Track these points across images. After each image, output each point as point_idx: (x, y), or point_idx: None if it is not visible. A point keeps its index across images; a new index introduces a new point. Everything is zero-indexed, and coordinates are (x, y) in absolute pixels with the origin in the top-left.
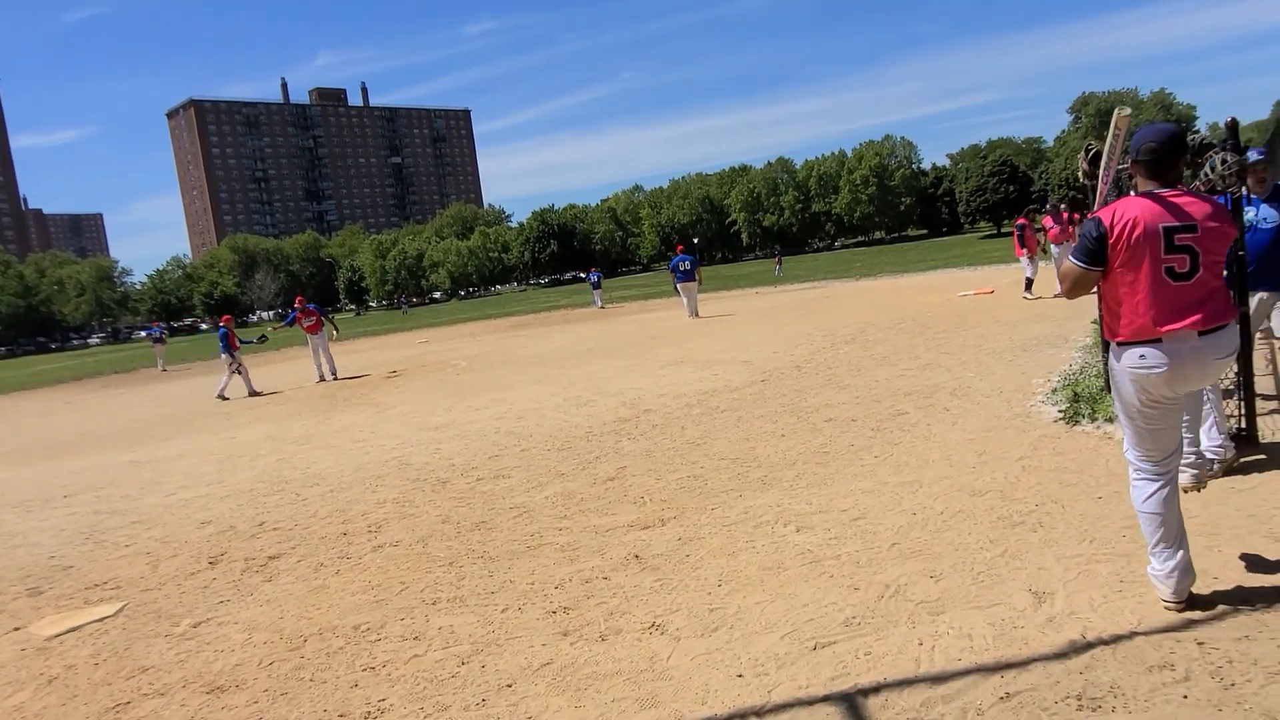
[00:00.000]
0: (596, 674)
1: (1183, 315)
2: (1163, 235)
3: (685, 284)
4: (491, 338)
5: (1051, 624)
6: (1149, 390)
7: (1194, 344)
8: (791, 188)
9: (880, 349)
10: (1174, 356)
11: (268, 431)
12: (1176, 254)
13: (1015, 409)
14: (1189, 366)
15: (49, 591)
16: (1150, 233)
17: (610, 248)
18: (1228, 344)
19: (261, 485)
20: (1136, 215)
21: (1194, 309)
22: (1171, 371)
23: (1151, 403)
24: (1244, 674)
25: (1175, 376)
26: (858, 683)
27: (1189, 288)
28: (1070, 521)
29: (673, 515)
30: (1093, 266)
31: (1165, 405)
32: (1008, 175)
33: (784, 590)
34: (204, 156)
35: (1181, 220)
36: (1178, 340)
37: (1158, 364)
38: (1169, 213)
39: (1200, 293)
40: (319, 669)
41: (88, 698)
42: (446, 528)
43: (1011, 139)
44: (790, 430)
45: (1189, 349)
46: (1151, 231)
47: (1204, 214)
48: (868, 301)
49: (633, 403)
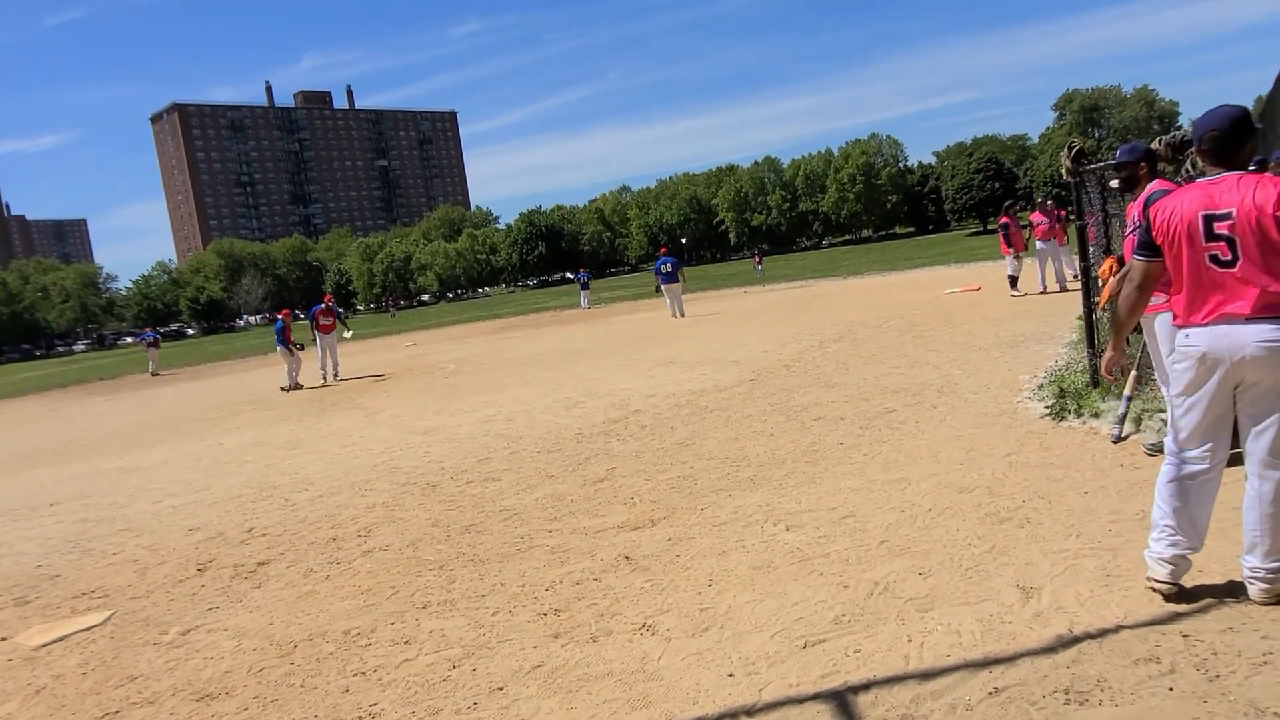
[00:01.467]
0: (588, 675)
1: (1222, 303)
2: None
3: (669, 285)
4: (480, 340)
5: (1039, 619)
6: (1191, 372)
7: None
8: (779, 187)
9: (868, 347)
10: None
11: (255, 437)
12: (1216, 242)
13: (1002, 405)
14: (1226, 353)
15: (36, 601)
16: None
17: (598, 248)
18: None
19: (250, 491)
20: (1175, 205)
21: (1232, 296)
22: (1211, 356)
23: (1193, 385)
24: (1229, 666)
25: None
26: (848, 680)
27: (1229, 276)
28: (1057, 517)
29: (663, 516)
30: (1152, 257)
31: (1203, 391)
32: (993, 172)
33: (774, 589)
34: (189, 161)
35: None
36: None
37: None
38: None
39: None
40: (309, 675)
41: (76, 707)
42: (436, 531)
43: (997, 136)
44: (779, 429)
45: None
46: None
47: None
48: (855, 300)
49: (622, 404)
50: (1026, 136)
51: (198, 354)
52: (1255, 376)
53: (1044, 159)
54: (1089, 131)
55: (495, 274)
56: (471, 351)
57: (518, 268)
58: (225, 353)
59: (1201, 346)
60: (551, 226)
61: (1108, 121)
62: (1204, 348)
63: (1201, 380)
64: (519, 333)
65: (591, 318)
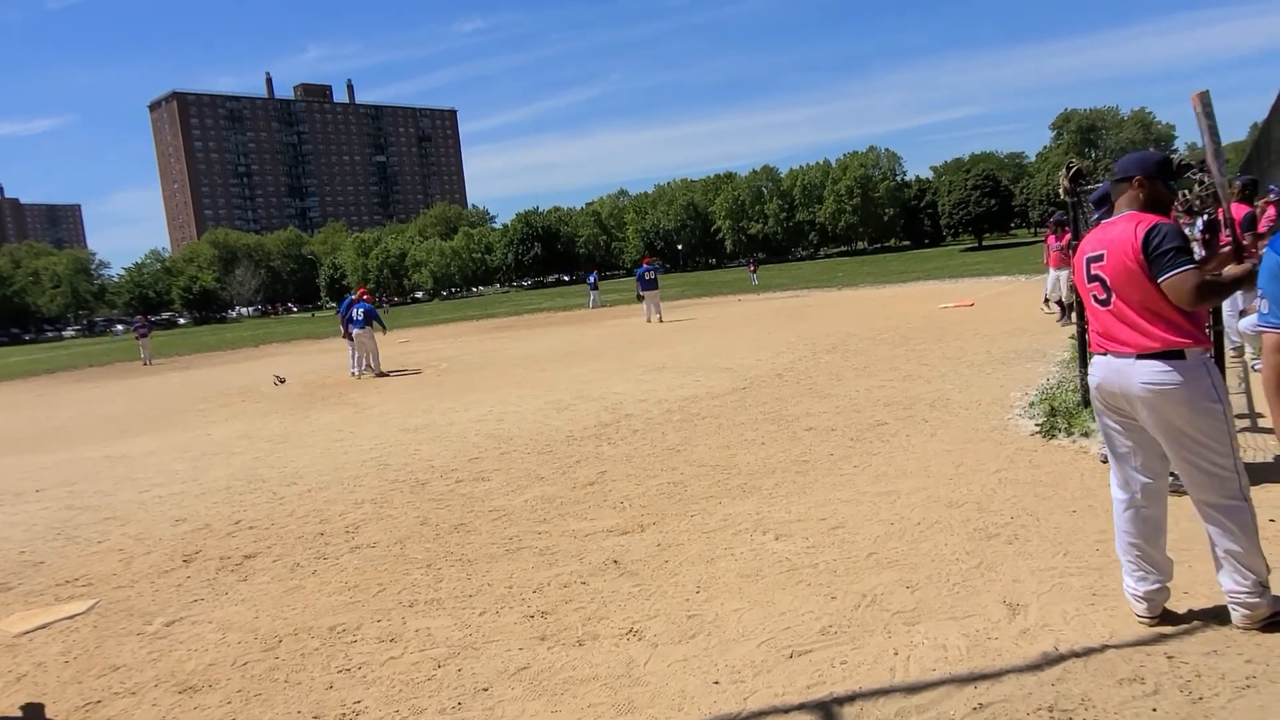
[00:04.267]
0: (573, 679)
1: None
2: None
3: (649, 291)
4: (473, 339)
5: (1025, 636)
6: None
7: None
8: (776, 196)
9: (861, 359)
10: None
11: (243, 429)
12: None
13: (993, 421)
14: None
15: (18, 588)
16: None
17: (594, 251)
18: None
19: (238, 483)
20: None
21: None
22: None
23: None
24: (1212, 688)
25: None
26: (833, 691)
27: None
28: (1045, 534)
29: (652, 521)
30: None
31: (1118, 422)
32: (990, 189)
33: (762, 598)
34: (186, 150)
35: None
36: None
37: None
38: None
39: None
40: (294, 670)
41: (57, 696)
42: (425, 530)
43: (994, 153)
44: (770, 438)
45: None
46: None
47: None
48: (849, 311)
49: (614, 407)
50: (1024, 154)
51: (189, 344)
52: (1145, 415)
53: (1040, 177)
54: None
55: (490, 273)
56: (464, 350)
57: (513, 268)
58: (216, 344)
59: (1097, 378)
60: (548, 228)
61: (1105, 142)
62: (1099, 379)
63: (1100, 412)
64: (512, 333)
65: (586, 320)
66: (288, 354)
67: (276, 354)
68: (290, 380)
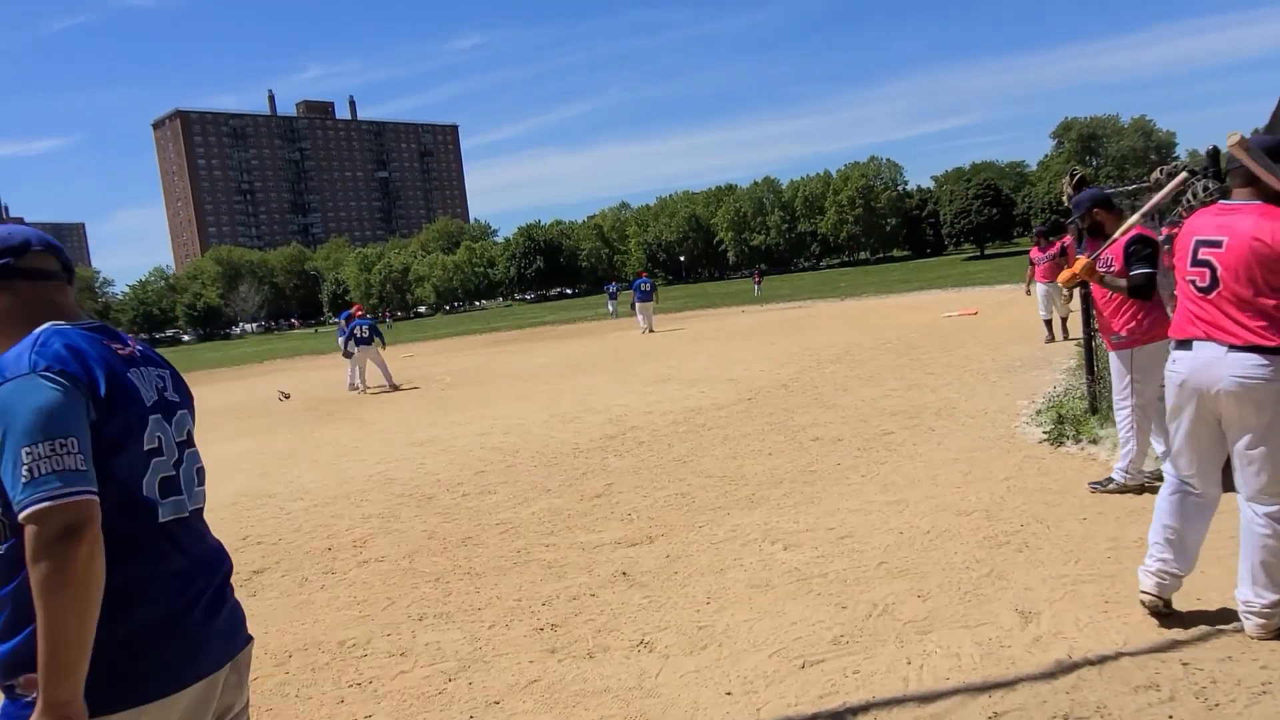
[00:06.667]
0: (584, 691)
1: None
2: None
3: (643, 303)
4: (476, 353)
5: (1038, 644)
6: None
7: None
8: (777, 207)
9: (866, 369)
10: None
11: (249, 446)
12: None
13: (1000, 430)
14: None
15: None
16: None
17: (596, 264)
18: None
19: (244, 499)
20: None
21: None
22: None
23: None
24: (1228, 694)
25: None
26: (846, 701)
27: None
28: (1055, 542)
29: (660, 533)
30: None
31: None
32: (991, 198)
33: (772, 608)
34: (189, 168)
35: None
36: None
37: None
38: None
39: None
40: (304, 685)
41: None
42: (432, 543)
43: (995, 162)
44: (777, 449)
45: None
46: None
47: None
48: (853, 321)
49: (619, 419)
50: (1025, 163)
51: (193, 361)
52: (1226, 407)
53: (1042, 186)
54: (1087, 160)
55: (493, 287)
56: (468, 364)
57: (515, 281)
58: (220, 360)
59: (1183, 370)
60: (550, 241)
61: (1105, 150)
62: (1184, 373)
63: (1178, 397)
64: (515, 346)
65: (588, 333)
66: (292, 370)
67: (280, 370)
68: (295, 396)
